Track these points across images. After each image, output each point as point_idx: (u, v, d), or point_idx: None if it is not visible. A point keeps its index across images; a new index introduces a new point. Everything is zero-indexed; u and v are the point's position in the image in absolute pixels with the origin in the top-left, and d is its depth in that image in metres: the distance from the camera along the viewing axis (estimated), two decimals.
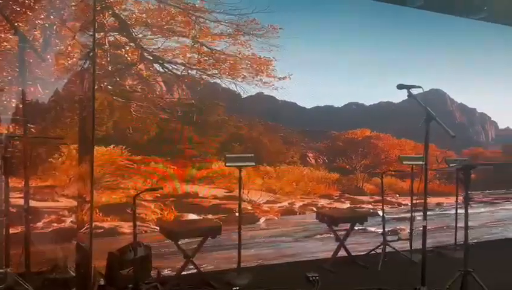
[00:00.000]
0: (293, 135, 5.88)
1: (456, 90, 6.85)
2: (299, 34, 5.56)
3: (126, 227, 4.45)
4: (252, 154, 4.42)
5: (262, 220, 5.46)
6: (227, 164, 4.25)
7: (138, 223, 4.58)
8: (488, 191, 7.27)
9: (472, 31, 6.72)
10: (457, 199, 5.32)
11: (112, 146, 4.59)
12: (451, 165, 4.91)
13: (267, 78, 5.44)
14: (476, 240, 6.19)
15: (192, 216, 4.94)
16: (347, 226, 4.94)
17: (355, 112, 6.18)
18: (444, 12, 6.37)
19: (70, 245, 3.86)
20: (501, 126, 7.57)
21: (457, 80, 6.67)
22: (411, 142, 6.16)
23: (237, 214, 4.38)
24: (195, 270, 4.12)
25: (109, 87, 4.64)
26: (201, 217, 4.93)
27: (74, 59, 4.17)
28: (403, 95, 3.58)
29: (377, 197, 5.81)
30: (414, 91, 3.57)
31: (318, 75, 5.79)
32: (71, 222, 4.19)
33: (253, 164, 4.46)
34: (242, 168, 4.31)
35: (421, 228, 3.49)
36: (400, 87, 3.57)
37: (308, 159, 5.98)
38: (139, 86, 4.77)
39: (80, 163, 3.85)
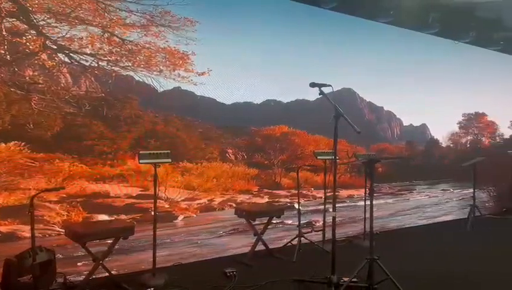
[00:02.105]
0: (212, 131, 5.82)
1: (366, 89, 7.28)
2: (218, 30, 5.52)
3: (27, 231, 4.05)
4: (168, 151, 4.29)
5: (180, 218, 5.34)
6: (140, 161, 4.07)
7: (41, 225, 4.25)
8: (394, 183, 7.86)
9: (381, 33, 7.19)
10: (365, 190, 5.67)
11: (10, 143, 4.17)
12: (359, 159, 5.24)
13: (186, 72, 5.30)
14: (383, 229, 6.68)
15: (103, 217, 4.65)
16: (266, 220, 5.05)
17: (273, 108, 6.29)
18: (354, 15, 6.72)
19: None
20: (405, 123, 8.22)
21: (367, 79, 7.09)
22: (325, 138, 6.41)
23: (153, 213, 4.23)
24: (107, 274, 3.92)
25: (8, 76, 4.19)
26: (113, 218, 4.68)
27: None
28: (317, 93, 3.72)
29: (294, 191, 6.00)
30: (326, 90, 3.73)
31: (237, 72, 5.80)
32: None
33: (169, 160, 4.33)
34: (158, 165, 4.17)
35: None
36: (312, 85, 3.72)
37: (227, 155, 5.97)
38: (41, 77, 4.37)
39: None
